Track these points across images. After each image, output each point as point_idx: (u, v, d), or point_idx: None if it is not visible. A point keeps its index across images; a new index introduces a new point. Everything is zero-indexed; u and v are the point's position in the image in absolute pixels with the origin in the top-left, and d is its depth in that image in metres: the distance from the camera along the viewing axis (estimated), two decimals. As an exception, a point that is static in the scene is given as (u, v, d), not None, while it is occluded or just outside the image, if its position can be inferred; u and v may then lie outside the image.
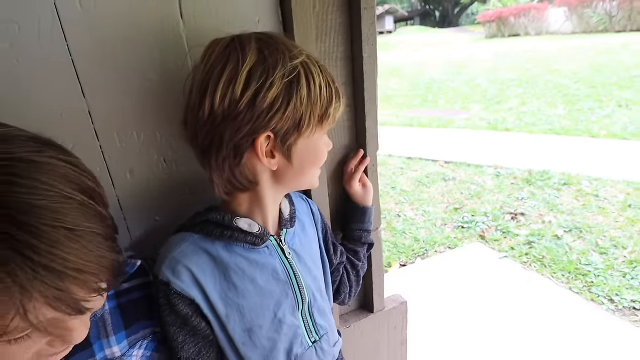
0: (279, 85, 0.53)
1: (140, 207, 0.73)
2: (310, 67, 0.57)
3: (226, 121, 0.53)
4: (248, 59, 0.53)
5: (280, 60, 0.54)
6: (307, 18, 0.72)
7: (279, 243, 0.67)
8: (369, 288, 1.02)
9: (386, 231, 3.25)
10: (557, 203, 3.33)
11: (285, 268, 0.66)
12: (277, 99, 0.53)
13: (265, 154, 0.57)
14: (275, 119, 0.54)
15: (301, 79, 0.55)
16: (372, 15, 0.77)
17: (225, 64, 0.53)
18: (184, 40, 0.68)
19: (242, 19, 0.71)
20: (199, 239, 0.61)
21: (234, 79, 0.52)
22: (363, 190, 0.87)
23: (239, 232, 0.61)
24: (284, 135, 0.56)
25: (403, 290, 2.51)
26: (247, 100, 0.52)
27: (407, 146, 5.13)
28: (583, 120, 5.38)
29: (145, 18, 0.65)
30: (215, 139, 0.55)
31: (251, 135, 0.54)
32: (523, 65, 9.61)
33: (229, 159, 0.56)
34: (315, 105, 0.57)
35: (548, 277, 2.50)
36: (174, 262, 0.59)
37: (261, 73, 0.53)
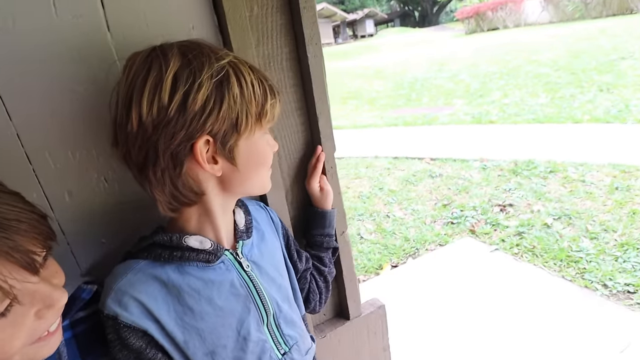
0: (208, 86, 0.50)
1: (83, 230, 0.70)
2: (238, 66, 0.55)
3: (158, 130, 0.50)
4: (171, 63, 0.51)
5: (206, 62, 0.52)
6: (242, 21, 0.69)
7: (235, 257, 0.63)
8: (342, 294, 0.98)
9: (376, 233, 3.22)
10: (544, 191, 3.33)
11: (244, 282, 0.63)
12: (209, 99, 0.51)
13: (207, 160, 0.54)
14: (210, 120, 0.51)
15: (231, 78, 0.53)
16: (313, 14, 0.75)
17: (147, 72, 0.51)
18: (113, 53, 0.65)
19: (175, 26, 0.68)
20: (146, 264, 0.58)
21: (159, 85, 0.50)
22: (321, 194, 0.84)
23: (189, 251, 0.58)
24: (223, 138, 0.54)
25: (395, 292, 2.50)
26: (177, 105, 0.49)
27: (392, 146, 5.13)
28: (565, 107, 5.42)
29: (69, 33, 0.62)
30: (149, 152, 0.52)
31: (188, 140, 0.51)
32: (503, 57, 9.72)
33: (168, 170, 0.53)
34: (250, 103, 0.55)
35: (540, 266, 2.48)
36: (119, 293, 0.55)
37: (187, 75, 0.50)
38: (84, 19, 0.62)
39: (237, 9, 0.68)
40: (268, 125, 0.61)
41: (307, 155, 0.87)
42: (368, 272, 2.77)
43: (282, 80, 0.80)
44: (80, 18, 0.62)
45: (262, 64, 0.77)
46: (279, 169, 0.84)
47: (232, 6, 0.68)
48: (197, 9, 0.69)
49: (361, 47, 19.96)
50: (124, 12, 0.64)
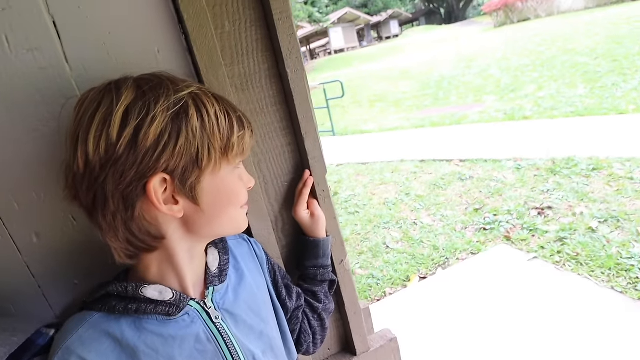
0: (162, 118, 0.46)
1: (54, 271, 0.66)
2: (201, 97, 0.50)
3: (105, 169, 0.46)
4: (124, 97, 0.46)
5: (163, 94, 0.47)
6: (208, 41, 0.63)
7: (202, 306, 0.56)
8: (347, 327, 0.89)
9: (402, 242, 3.08)
10: (587, 191, 3.05)
11: (212, 335, 0.55)
12: (163, 133, 0.46)
13: (165, 200, 0.48)
14: (164, 156, 0.46)
15: (190, 109, 0.48)
16: (290, 26, 0.68)
17: (97, 107, 0.47)
18: (74, 86, 0.61)
19: (139, 52, 0.63)
20: (99, 318, 0.52)
21: (107, 120, 0.45)
22: (311, 220, 0.76)
23: (147, 303, 0.52)
24: (182, 175, 0.48)
25: (424, 306, 2.35)
26: (127, 141, 0.45)
27: (419, 148, 4.95)
28: (607, 97, 5.01)
29: (26, 68, 0.58)
30: (97, 194, 0.47)
31: (139, 180, 0.46)
32: (536, 48, 9.22)
33: (119, 213, 0.48)
34: (213, 136, 0.49)
35: (586, 276, 2.25)
36: (66, 353, 0.49)
37: (140, 108, 0.46)
38: (40, 53, 0.59)
39: (202, 28, 0.62)
40: (238, 159, 0.55)
41: (296, 179, 0.80)
42: (395, 285, 2.63)
43: (263, 99, 0.73)
44: (36, 51, 0.58)
45: (239, 84, 0.71)
46: (266, 195, 0.77)
47: (196, 25, 0.62)
48: (162, 31, 0.64)
49: (386, 48, 19.73)
50: (81, 42, 0.60)
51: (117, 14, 0.61)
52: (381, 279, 2.68)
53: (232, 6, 0.67)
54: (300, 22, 21.92)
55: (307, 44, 32.23)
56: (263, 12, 0.69)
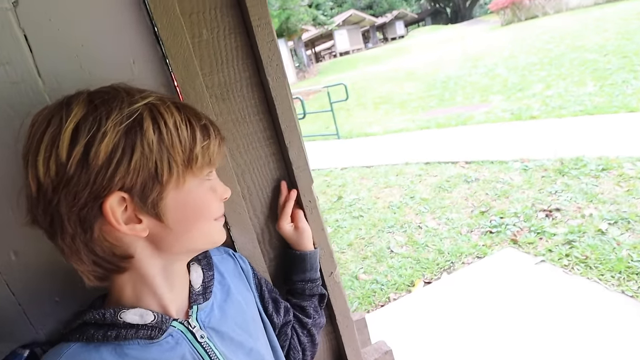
0: (113, 134, 0.43)
1: (34, 289, 0.65)
2: (158, 107, 0.47)
3: (57, 192, 0.43)
4: (73, 113, 0.44)
5: (115, 107, 0.45)
6: (184, 50, 0.61)
7: (187, 326, 0.54)
8: (339, 341, 0.87)
9: (407, 246, 3.04)
10: (596, 192, 2.97)
11: (198, 356, 0.53)
12: (115, 149, 0.43)
13: (126, 220, 0.46)
14: (118, 174, 0.44)
15: (144, 122, 0.45)
16: (269, 32, 0.66)
17: (46, 127, 0.44)
18: (47, 101, 0.60)
19: (113, 63, 0.62)
20: (78, 348, 0.49)
21: (56, 140, 0.43)
22: (295, 233, 0.74)
23: (127, 328, 0.50)
24: (141, 192, 0.46)
25: (429, 312, 2.31)
26: (77, 160, 0.43)
27: (424, 151, 4.89)
28: (618, 94, 4.90)
29: (-2, 82, 0.57)
30: (54, 217, 0.45)
31: (94, 200, 0.44)
32: (544, 46, 9.09)
33: (78, 236, 0.46)
34: (173, 149, 0.46)
35: (595, 280, 2.18)
36: None
37: (90, 124, 0.43)
38: (11, 67, 0.57)
39: (176, 37, 0.60)
40: (206, 170, 0.52)
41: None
42: (399, 290, 2.59)
43: (244, 108, 0.71)
44: (7, 66, 0.57)
45: (219, 93, 0.69)
46: (251, 207, 0.75)
47: (170, 35, 0.60)
48: (137, 41, 0.62)
49: (391, 49, 19.66)
50: (53, 55, 0.59)
51: (89, 25, 0.60)
52: (385, 284, 2.64)
53: (210, 14, 0.65)
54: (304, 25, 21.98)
55: (312, 47, 32.30)
56: (242, 19, 0.67)
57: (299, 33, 21.35)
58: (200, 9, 0.64)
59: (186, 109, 0.50)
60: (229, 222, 0.70)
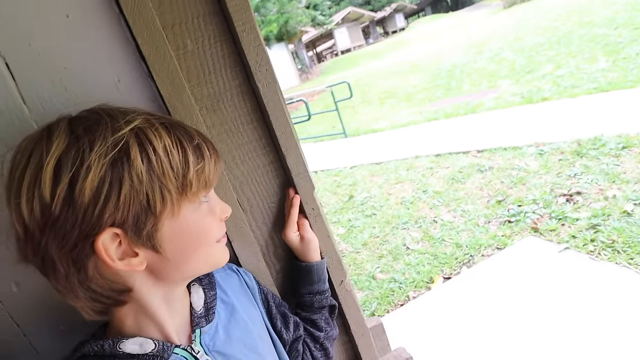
0: (98, 168, 0.40)
1: (38, 319, 0.64)
2: (145, 132, 0.44)
3: (44, 234, 0.41)
4: (54, 147, 0.41)
5: (99, 136, 0.42)
6: (167, 64, 0.59)
7: (190, 352, 0.51)
8: (356, 350, 0.83)
9: (423, 242, 2.98)
10: (618, 172, 2.85)
11: None
12: (102, 184, 0.40)
13: (121, 255, 0.44)
14: (107, 211, 0.41)
15: (131, 151, 0.42)
16: (256, 36, 0.63)
17: (26, 163, 0.41)
18: (34, 128, 0.58)
19: (97, 83, 0.60)
20: None
21: (38, 178, 0.40)
22: (301, 244, 0.71)
23: (127, 359, 0.48)
24: (135, 226, 0.43)
25: (449, 308, 2.24)
26: (61, 199, 0.40)
27: (434, 143, 4.81)
28: (632, 68, 4.72)
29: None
30: (44, 258, 0.43)
31: (85, 240, 0.41)
32: (550, 25, 8.87)
33: (72, 276, 0.43)
34: (165, 177, 0.43)
35: (624, 265, 2.09)
36: None
37: (73, 158, 0.40)
38: (-6, 98, 0.56)
39: (158, 50, 0.58)
40: (202, 194, 0.49)
41: (284, 198, 0.74)
42: (418, 287, 2.54)
43: (237, 118, 0.68)
44: (-11, 97, 0.56)
45: (209, 105, 0.66)
46: (252, 220, 0.72)
47: (152, 49, 0.58)
48: (120, 59, 0.60)
49: (393, 43, 19.50)
50: (37, 81, 0.57)
51: (71, 47, 0.58)
52: (403, 282, 2.59)
53: (192, 23, 0.62)
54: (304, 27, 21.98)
55: (313, 47, 32.29)
56: (227, 26, 0.65)
57: (298, 35, 21.37)
58: (182, 19, 0.62)
59: (176, 128, 0.47)
60: (231, 237, 0.68)
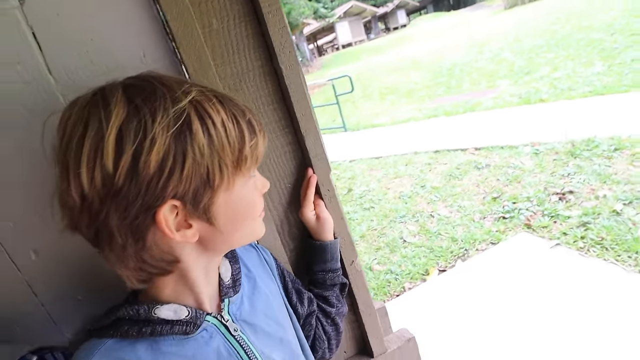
0: (163, 140, 0.40)
1: (56, 288, 0.65)
2: (203, 105, 0.43)
3: (105, 204, 0.40)
4: (114, 115, 0.40)
5: (159, 107, 0.41)
6: (195, 40, 0.60)
7: (220, 320, 0.53)
8: (362, 328, 0.86)
9: (420, 235, 3.02)
10: (609, 173, 2.92)
11: (232, 349, 0.53)
12: (166, 157, 0.40)
13: (177, 226, 0.44)
14: (171, 184, 0.41)
15: (193, 124, 0.41)
16: (280, 18, 0.64)
17: (84, 131, 0.40)
18: (60, 100, 0.59)
19: (124, 57, 0.61)
20: (112, 344, 0.48)
21: (99, 148, 0.39)
22: (317, 223, 0.73)
23: (162, 324, 0.49)
24: (193, 198, 0.43)
25: (444, 300, 2.29)
26: (125, 170, 0.39)
27: (432, 139, 4.85)
28: (627, 73, 4.79)
29: (6, 86, 0.57)
30: (101, 229, 0.42)
31: (147, 211, 0.42)
32: (549, 28, 8.92)
33: (129, 246, 0.43)
34: (224, 151, 0.44)
35: (612, 261, 2.15)
36: None
37: (135, 129, 0.39)
38: (22, 66, 0.57)
39: (187, 27, 0.59)
40: (252, 169, 0.50)
41: (300, 179, 0.76)
42: (414, 279, 2.58)
43: (258, 99, 0.70)
44: (19, 65, 0.57)
45: (232, 84, 0.68)
46: (269, 199, 0.74)
47: (180, 25, 0.59)
48: (148, 33, 0.61)
49: (394, 39, 19.46)
50: (63, 52, 0.58)
51: (98, 19, 0.59)
52: (400, 274, 2.63)
53: (219, 2, 0.64)
54: (305, 19, 21.82)
55: (314, 40, 32.09)
56: (252, 7, 0.66)
57: (300, 27, 21.22)
58: (209, -2, 0.63)
59: (228, 102, 0.46)
60: (248, 215, 0.69)
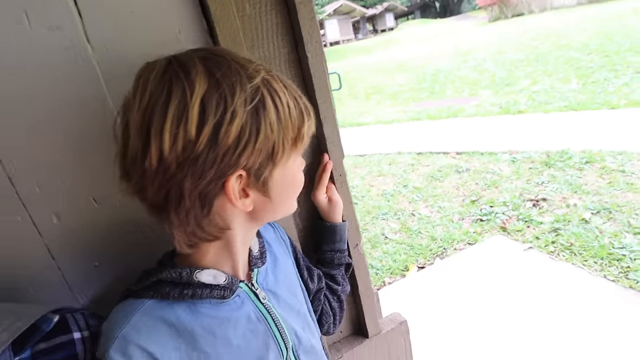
0: (242, 115, 0.43)
1: (74, 253, 0.66)
2: (272, 84, 0.46)
3: (183, 168, 0.42)
4: (197, 87, 0.42)
5: (237, 83, 0.43)
6: (231, 23, 0.63)
7: (250, 288, 0.57)
8: (360, 310, 0.91)
9: (401, 232, 3.12)
10: (580, 184, 3.11)
11: (261, 315, 0.56)
12: (244, 130, 0.43)
13: (238, 196, 0.47)
14: (244, 154, 0.44)
15: (266, 102, 0.45)
16: (310, 10, 0.68)
17: (168, 96, 0.42)
18: (95, 67, 0.61)
19: (160, 32, 0.63)
20: (152, 305, 0.50)
21: (183, 115, 0.41)
22: (329, 205, 0.77)
23: (202, 288, 0.51)
24: (257, 170, 0.47)
25: (422, 295, 2.39)
26: (206, 139, 0.41)
27: (416, 141, 4.98)
28: (600, 92, 5.08)
29: (47, 47, 0.58)
30: (172, 192, 0.44)
31: (219, 179, 0.44)
32: (530, 43, 9.28)
33: (194, 210, 0.46)
34: (287, 129, 0.47)
35: (579, 265, 2.30)
36: (123, 342, 0.47)
37: (217, 102, 0.42)
38: (60, 32, 0.58)
39: (225, 8, 0.62)
40: (303, 148, 0.53)
41: (314, 163, 0.80)
42: (393, 274, 2.67)
43: (281, 83, 0.73)
44: (57, 30, 0.58)
45: (258, 68, 0.71)
46: (283, 180, 0.78)
47: (219, 6, 0.62)
48: (184, 11, 0.63)
49: (382, 41, 19.66)
50: (103, 22, 0.60)
51: (139, -7, 0.60)
52: (380, 269, 2.71)
53: (253, -11, 0.67)
54: (294, 13, 21.66)
55: (301, 35, 31.85)
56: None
57: (288, 21, 21.01)
58: (244, -17, 0.66)
59: (289, 84, 0.50)
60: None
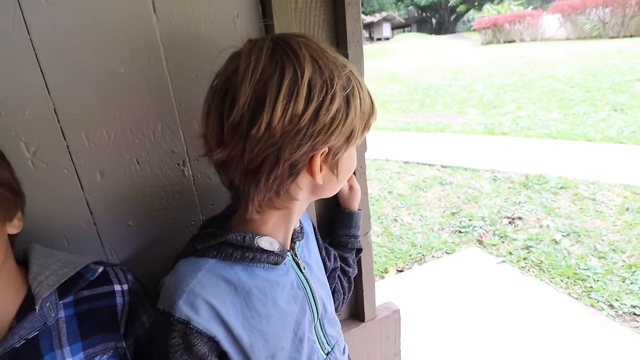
0: (339, 98, 0.49)
1: (111, 211, 0.70)
2: (355, 74, 0.53)
3: (286, 138, 0.48)
4: (306, 69, 0.47)
5: (335, 70, 0.50)
6: (287, 14, 0.69)
7: (293, 257, 0.63)
8: (360, 295, 0.98)
9: (383, 236, 3.21)
10: (554, 207, 3.30)
11: (302, 283, 0.62)
12: (338, 112, 0.49)
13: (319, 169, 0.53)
14: (335, 133, 0.50)
15: (355, 91, 0.51)
16: (357, 11, 0.74)
17: (282, 74, 0.47)
18: (157, 36, 0.65)
19: (219, 13, 0.68)
20: (215, 264, 0.55)
21: (294, 91, 0.46)
22: (349, 193, 0.83)
23: (260, 252, 0.56)
24: (337, 149, 0.53)
25: (400, 296, 2.49)
26: (310, 115, 0.47)
27: (403, 150, 5.11)
28: (579, 124, 5.37)
29: (115, 12, 0.62)
30: (269, 158, 0.49)
31: (310, 151, 0.50)
32: (519, 70, 9.65)
33: (281, 177, 0.51)
34: (363, 117, 0.54)
35: (547, 282, 2.46)
36: (191, 295, 0.51)
37: (321, 85, 0.48)
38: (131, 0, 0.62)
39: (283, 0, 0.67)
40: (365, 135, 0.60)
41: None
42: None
43: (319, 75, 0.79)
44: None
45: (300, 58, 0.76)
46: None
47: (279, -3, 0.67)
48: (244, -3, 0.68)
49: (377, 49, 19.91)
50: (171, -4, 0.64)
51: (207, -28, 0.65)
52: (360, 268, 2.79)
53: (308, -15, 0.72)
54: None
55: (297, 33, 31.79)
56: (333, -5, 0.75)
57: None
58: (300, -21, 0.71)
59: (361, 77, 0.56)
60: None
